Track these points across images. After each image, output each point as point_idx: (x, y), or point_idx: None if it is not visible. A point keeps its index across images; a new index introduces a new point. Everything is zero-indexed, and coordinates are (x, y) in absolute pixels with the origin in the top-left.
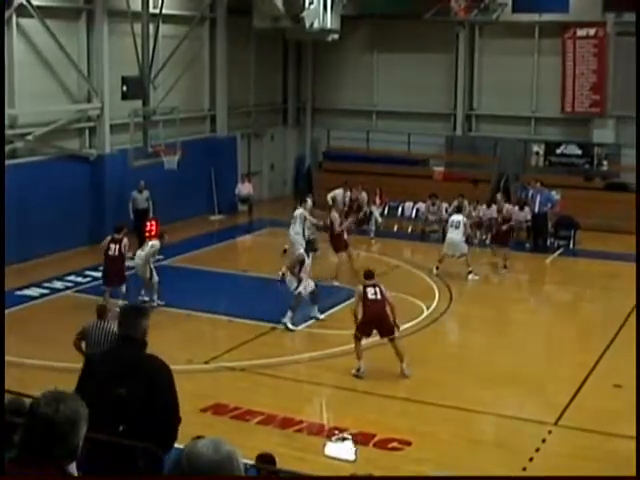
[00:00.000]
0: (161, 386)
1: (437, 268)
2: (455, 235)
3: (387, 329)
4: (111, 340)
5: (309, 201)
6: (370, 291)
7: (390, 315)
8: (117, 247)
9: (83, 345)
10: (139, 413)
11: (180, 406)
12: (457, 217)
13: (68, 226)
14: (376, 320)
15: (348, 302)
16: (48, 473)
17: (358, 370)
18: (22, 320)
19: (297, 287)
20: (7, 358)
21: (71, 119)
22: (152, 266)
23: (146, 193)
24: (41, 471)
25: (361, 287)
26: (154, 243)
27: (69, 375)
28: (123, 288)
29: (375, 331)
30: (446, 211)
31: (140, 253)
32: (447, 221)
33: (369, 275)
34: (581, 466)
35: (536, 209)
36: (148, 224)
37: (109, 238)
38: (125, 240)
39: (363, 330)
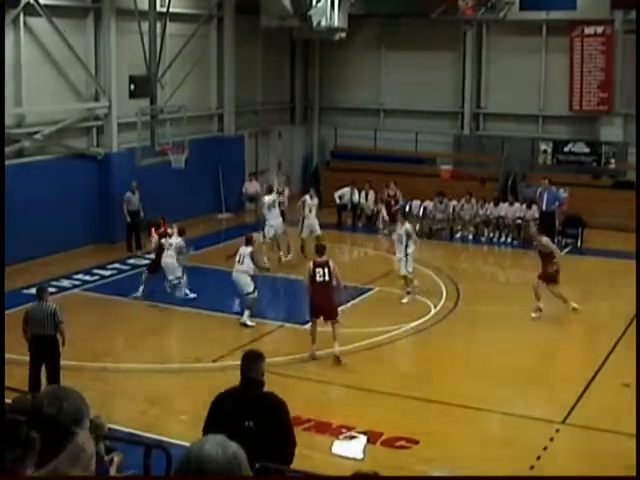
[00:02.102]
0: (282, 418)
1: (408, 293)
2: (398, 252)
3: (331, 313)
4: (51, 319)
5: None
6: (319, 272)
7: (334, 297)
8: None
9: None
10: (266, 441)
11: (188, 405)
12: (400, 229)
13: (76, 225)
14: (321, 305)
15: (353, 302)
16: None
17: (312, 355)
18: None
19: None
20: (14, 357)
21: (78, 118)
22: (182, 264)
23: (137, 194)
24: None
25: (311, 265)
26: (174, 241)
27: (76, 373)
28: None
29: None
30: (454, 210)
31: (168, 252)
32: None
33: (321, 250)
34: (589, 465)
35: (544, 207)
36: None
37: (156, 236)
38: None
39: (315, 313)
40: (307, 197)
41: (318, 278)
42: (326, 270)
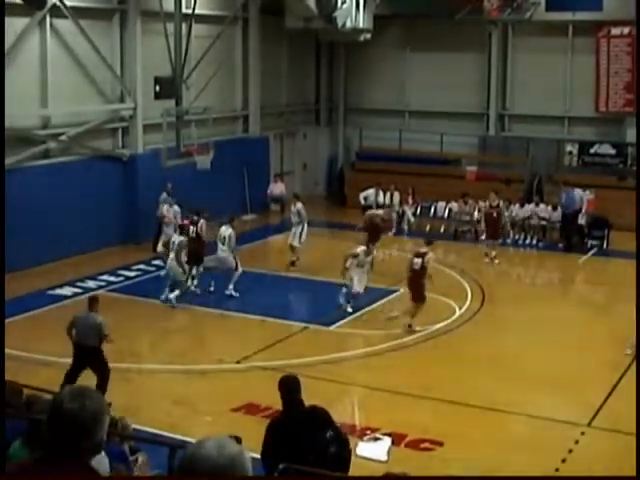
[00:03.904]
0: (335, 424)
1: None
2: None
3: (416, 296)
4: (95, 331)
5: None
6: (415, 262)
7: (423, 283)
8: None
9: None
10: (343, 444)
11: (212, 406)
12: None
13: (101, 226)
14: (410, 288)
15: (379, 303)
16: (74, 470)
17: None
18: (55, 319)
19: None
20: (38, 357)
21: (104, 119)
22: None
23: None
24: (67, 468)
25: (412, 254)
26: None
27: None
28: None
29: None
30: (479, 211)
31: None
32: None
33: (428, 242)
34: (614, 468)
35: (563, 210)
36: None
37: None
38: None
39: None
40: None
41: (414, 266)
42: (420, 260)
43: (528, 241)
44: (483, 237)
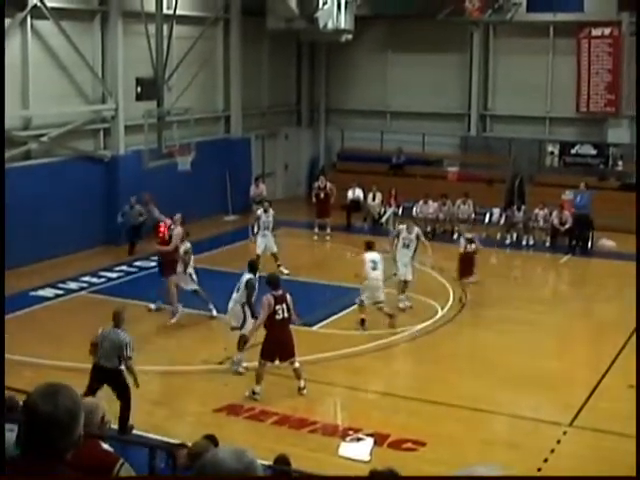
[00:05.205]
0: None
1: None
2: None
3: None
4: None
5: None
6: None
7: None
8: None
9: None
10: None
11: (195, 406)
12: (412, 233)
13: (83, 227)
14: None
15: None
16: (52, 470)
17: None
18: (36, 321)
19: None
20: (21, 358)
21: (85, 120)
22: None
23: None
24: (45, 467)
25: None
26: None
27: (83, 375)
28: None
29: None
30: (458, 208)
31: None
32: None
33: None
34: (596, 467)
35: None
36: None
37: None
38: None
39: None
40: (260, 212)
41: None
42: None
43: (509, 241)
44: (392, 227)
